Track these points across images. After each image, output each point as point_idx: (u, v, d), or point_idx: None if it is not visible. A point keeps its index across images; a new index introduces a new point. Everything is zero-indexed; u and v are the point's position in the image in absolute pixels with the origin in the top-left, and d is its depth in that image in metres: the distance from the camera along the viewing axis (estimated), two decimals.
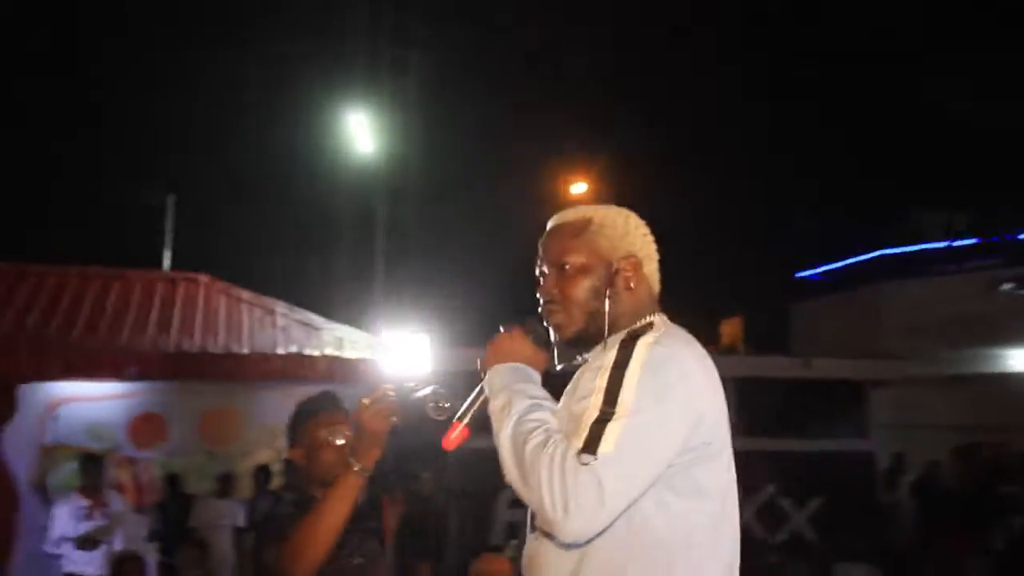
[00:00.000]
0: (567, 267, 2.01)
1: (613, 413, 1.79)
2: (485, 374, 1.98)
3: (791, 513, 8.85)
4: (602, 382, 1.83)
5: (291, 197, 14.05)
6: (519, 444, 1.82)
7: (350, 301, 11.32)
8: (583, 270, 2.00)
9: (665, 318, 2.01)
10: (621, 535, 1.79)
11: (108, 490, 6.59)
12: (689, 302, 3.97)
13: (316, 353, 8.33)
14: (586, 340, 2.00)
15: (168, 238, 12.05)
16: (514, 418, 1.86)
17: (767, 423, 8.50)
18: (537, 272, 2.07)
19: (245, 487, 8.13)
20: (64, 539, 6.16)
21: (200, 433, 8.58)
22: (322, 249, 13.26)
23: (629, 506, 1.77)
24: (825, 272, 16.48)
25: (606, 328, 1.96)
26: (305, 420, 2.68)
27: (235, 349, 8.16)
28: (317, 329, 9.02)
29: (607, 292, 1.99)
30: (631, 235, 2.06)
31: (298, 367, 8.04)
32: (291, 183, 13.99)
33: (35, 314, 8.06)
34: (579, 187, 14.34)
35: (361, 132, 12.63)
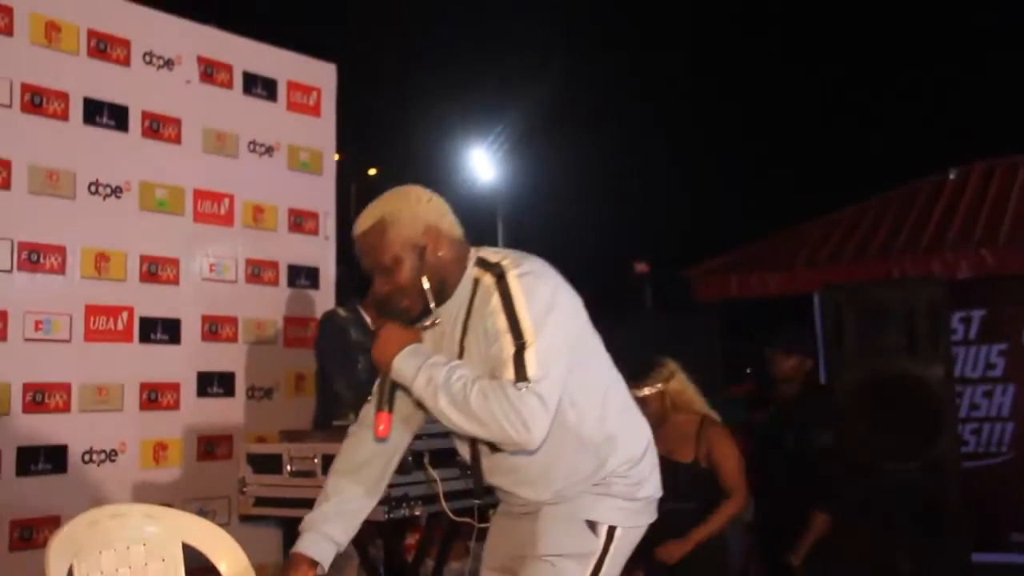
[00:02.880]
0: (385, 264, 2.34)
1: (524, 343, 2.21)
2: (387, 368, 2.31)
3: None
4: (502, 323, 2.24)
5: None
6: (460, 401, 2.21)
7: None
8: (398, 261, 2.33)
9: (485, 250, 2.42)
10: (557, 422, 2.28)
11: None
12: None
13: None
14: (431, 308, 2.37)
15: None
16: (443, 386, 2.23)
17: None
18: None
19: None
20: None
21: None
22: None
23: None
24: None
25: (431, 298, 2.35)
26: None
27: None
28: None
29: (423, 268, 2.33)
30: (419, 212, 2.37)
31: None
32: None
33: None
34: None
35: None
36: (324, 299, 4.70)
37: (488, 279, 2.36)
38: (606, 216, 15.13)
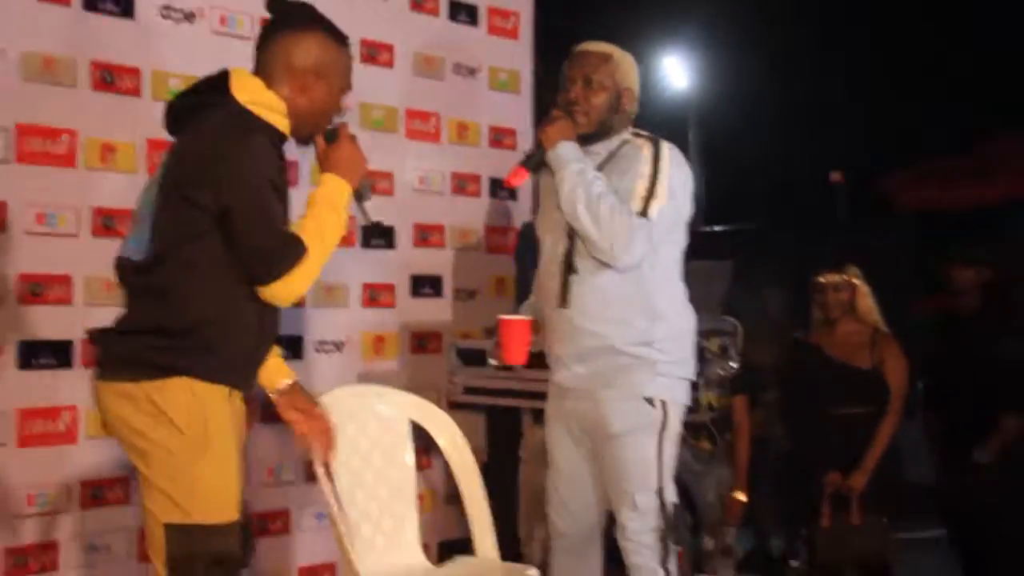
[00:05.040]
0: (592, 83, 2.92)
1: (654, 191, 2.85)
2: (551, 145, 2.89)
3: None
4: (646, 170, 2.87)
5: None
6: (593, 200, 2.79)
7: None
8: (603, 88, 2.92)
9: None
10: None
11: None
12: None
13: None
14: (591, 137, 2.96)
15: None
16: (589, 182, 2.81)
17: None
18: (563, 83, 2.97)
19: None
20: None
21: None
22: None
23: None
24: None
25: (599, 128, 2.96)
26: None
27: None
28: None
29: (614, 108, 2.95)
30: (633, 74, 3.00)
31: None
32: None
33: None
34: None
35: None
36: (521, 210, 5.08)
37: (643, 140, 2.96)
38: (801, 123, 14.89)
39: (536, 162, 2.96)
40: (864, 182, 11.71)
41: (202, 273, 2.35)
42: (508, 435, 4.39)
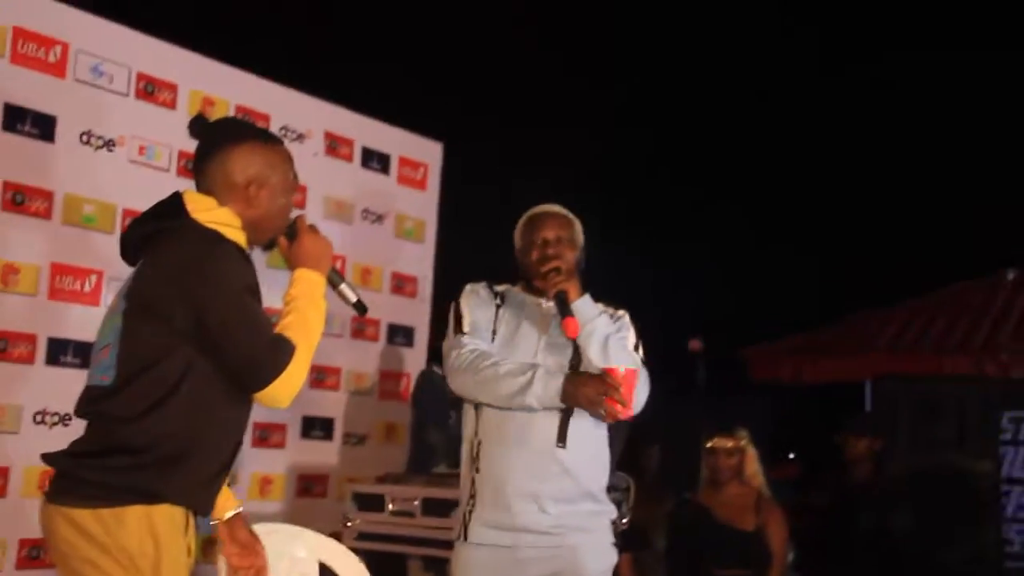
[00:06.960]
0: (564, 241, 3.00)
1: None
2: (577, 296, 2.89)
3: None
4: (631, 330, 3.02)
5: None
6: (629, 351, 2.94)
7: None
8: (575, 245, 3.02)
9: None
10: None
11: None
12: None
13: None
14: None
15: None
16: (607, 326, 2.91)
17: None
18: (535, 241, 3.00)
19: None
20: None
21: None
22: None
23: None
24: None
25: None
26: None
27: None
28: None
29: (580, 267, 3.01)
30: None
31: None
32: None
33: None
34: None
35: None
36: (417, 357, 5.11)
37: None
38: (661, 294, 15.42)
39: (566, 312, 2.94)
40: (723, 351, 12.10)
41: (168, 391, 2.26)
42: None
